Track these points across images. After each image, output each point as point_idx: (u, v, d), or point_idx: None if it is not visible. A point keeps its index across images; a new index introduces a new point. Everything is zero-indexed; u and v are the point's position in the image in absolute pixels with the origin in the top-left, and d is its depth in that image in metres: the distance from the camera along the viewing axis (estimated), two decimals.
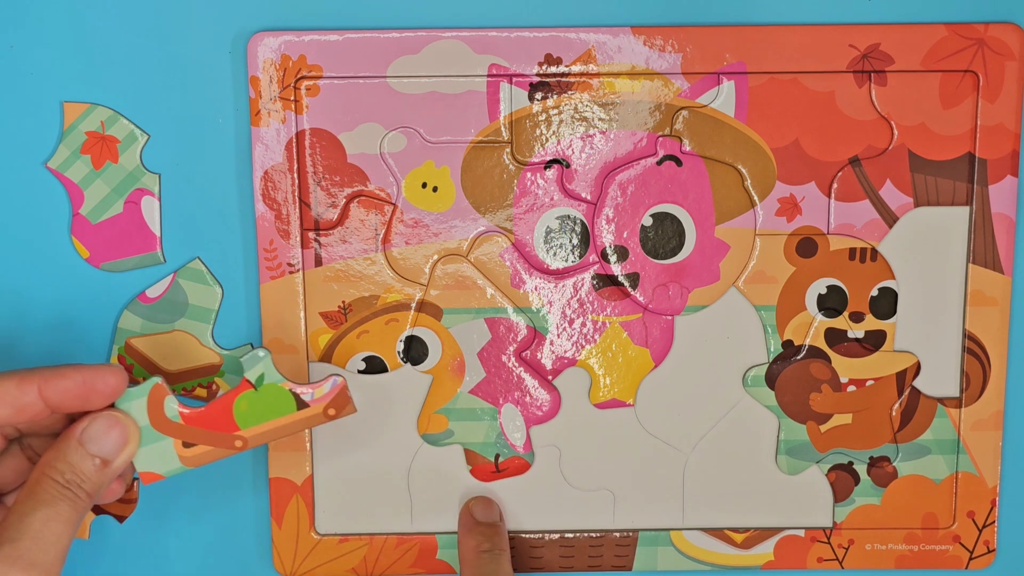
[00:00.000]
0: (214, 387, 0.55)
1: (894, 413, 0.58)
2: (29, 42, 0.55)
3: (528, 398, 0.58)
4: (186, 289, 0.56)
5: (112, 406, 0.50)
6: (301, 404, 0.52)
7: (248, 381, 0.51)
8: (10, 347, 0.58)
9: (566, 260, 0.57)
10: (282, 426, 0.52)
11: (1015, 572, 0.60)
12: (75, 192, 0.57)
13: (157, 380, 0.50)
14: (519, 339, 0.57)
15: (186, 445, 0.51)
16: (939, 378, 0.57)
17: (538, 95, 0.55)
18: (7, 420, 0.47)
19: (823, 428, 0.58)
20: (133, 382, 0.53)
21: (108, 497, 0.51)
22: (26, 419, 0.47)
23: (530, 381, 0.58)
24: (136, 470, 0.51)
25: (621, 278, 0.57)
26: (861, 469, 0.59)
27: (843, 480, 0.59)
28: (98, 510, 0.59)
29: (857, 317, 0.57)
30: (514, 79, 0.55)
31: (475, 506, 0.58)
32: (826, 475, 0.58)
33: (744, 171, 0.56)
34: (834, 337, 0.57)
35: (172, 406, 0.51)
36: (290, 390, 0.52)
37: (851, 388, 0.58)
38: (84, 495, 0.46)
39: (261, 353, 0.51)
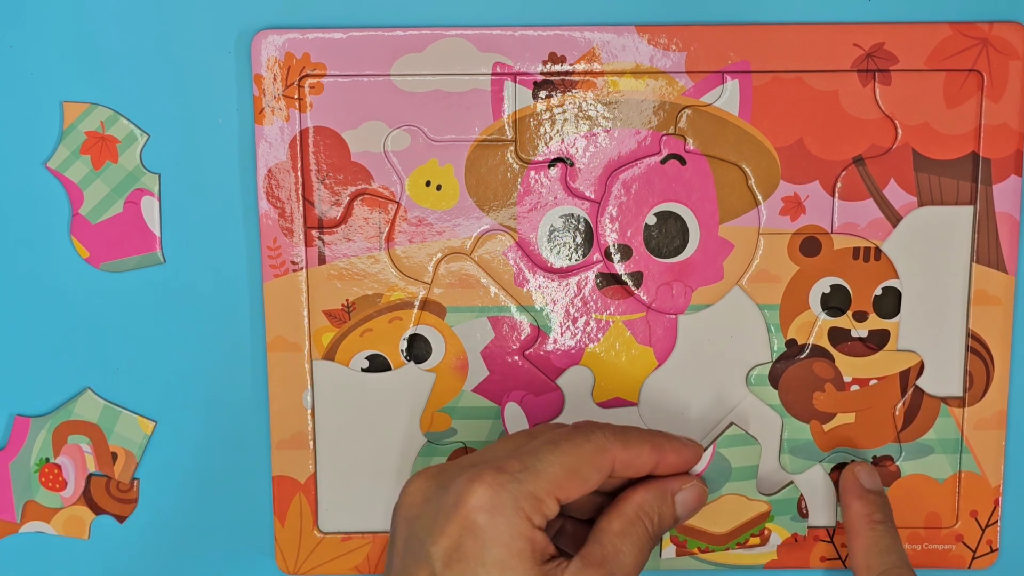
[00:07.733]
0: (766, 532, 0.55)
1: (897, 412, 0.58)
2: (29, 42, 0.55)
3: (531, 397, 0.58)
4: (728, 456, 0.54)
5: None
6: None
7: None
8: (10, 347, 0.58)
9: (570, 259, 0.57)
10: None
11: (1018, 572, 0.60)
12: (75, 192, 0.56)
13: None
14: (522, 338, 0.57)
15: None
16: (942, 377, 0.57)
17: (542, 94, 0.55)
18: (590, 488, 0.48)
19: (826, 427, 0.58)
20: None
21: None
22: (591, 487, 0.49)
23: (533, 380, 0.57)
24: None
25: (625, 277, 0.57)
26: None
27: None
28: (98, 510, 0.59)
29: (861, 316, 0.57)
30: (518, 77, 0.55)
31: (860, 471, 0.57)
32: (829, 474, 0.58)
33: (748, 170, 0.56)
34: (838, 336, 0.57)
35: None
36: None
37: (854, 387, 0.58)
38: (656, 541, 0.50)
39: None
